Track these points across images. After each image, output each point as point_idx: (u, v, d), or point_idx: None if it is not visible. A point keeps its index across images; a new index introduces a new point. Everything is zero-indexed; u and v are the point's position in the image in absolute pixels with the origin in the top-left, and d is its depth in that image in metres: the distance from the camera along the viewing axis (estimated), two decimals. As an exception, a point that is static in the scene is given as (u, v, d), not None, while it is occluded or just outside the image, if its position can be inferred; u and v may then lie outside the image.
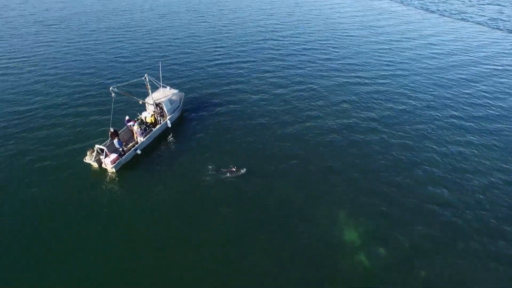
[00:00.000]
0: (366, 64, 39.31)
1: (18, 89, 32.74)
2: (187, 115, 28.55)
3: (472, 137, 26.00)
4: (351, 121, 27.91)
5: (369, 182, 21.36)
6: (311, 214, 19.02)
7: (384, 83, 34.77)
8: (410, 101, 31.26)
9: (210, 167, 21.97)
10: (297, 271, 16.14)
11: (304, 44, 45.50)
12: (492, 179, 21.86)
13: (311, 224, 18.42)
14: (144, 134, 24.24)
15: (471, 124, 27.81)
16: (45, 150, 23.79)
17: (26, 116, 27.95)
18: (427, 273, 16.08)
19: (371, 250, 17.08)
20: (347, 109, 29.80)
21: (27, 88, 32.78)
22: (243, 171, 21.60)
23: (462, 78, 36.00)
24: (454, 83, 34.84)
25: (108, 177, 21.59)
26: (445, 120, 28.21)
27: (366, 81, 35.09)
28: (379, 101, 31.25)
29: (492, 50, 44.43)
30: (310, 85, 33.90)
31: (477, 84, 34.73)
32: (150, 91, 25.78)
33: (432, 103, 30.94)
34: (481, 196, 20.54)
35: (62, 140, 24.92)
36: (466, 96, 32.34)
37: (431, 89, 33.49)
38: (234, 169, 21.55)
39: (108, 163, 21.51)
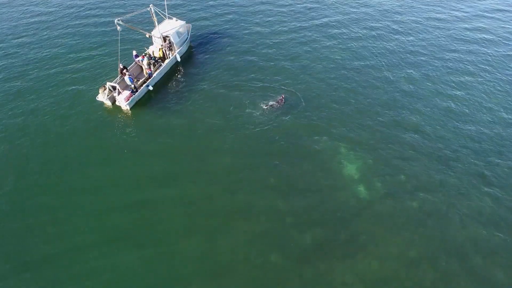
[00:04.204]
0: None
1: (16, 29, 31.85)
2: (195, 46, 28.07)
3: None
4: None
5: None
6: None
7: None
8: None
9: (264, 105, 22.53)
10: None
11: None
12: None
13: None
14: (149, 68, 24.19)
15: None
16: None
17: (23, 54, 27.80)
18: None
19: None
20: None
21: (27, 21, 31.82)
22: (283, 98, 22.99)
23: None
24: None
25: (123, 115, 22.46)
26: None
27: None
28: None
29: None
30: None
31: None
32: (156, 23, 24.97)
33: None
34: (491, 106, 22.74)
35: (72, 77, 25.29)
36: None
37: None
38: (280, 99, 22.69)
39: (122, 100, 22.12)
